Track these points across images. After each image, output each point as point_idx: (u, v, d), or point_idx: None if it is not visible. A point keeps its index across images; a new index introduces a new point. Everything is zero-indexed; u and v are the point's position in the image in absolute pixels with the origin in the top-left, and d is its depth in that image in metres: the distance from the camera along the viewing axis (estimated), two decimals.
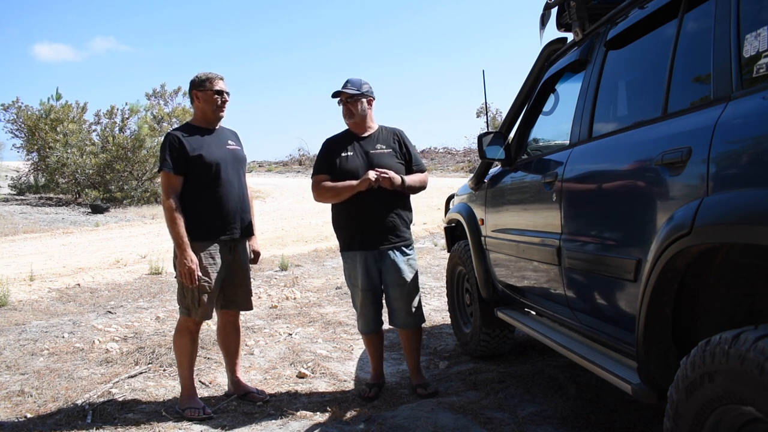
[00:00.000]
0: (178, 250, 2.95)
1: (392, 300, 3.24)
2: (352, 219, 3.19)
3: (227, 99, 3.17)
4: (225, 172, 3.10)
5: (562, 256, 2.45)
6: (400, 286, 3.19)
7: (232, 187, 3.12)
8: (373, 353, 3.38)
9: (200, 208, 3.04)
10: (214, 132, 3.19)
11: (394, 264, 3.18)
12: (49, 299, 6.15)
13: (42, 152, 19.39)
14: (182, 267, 2.94)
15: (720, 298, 1.78)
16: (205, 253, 3.04)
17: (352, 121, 3.24)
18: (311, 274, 7.18)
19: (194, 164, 3.03)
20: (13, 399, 3.35)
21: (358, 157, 3.19)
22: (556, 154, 2.63)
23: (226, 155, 3.14)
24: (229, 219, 3.11)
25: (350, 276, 3.28)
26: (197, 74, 3.15)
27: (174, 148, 3.02)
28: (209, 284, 3.05)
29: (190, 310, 3.05)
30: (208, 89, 3.11)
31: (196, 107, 3.18)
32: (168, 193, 3.00)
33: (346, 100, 3.20)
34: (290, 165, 35.48)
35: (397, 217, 3.20)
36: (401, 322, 3.26)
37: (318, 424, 2.89)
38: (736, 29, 1.63)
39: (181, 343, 3.12)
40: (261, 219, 14.31)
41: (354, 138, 3.27)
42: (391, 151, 3.23)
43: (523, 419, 2.81)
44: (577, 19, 2.66)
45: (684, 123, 1.77)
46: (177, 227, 2.95)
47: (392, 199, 3.17)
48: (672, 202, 1.75)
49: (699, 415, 1.49)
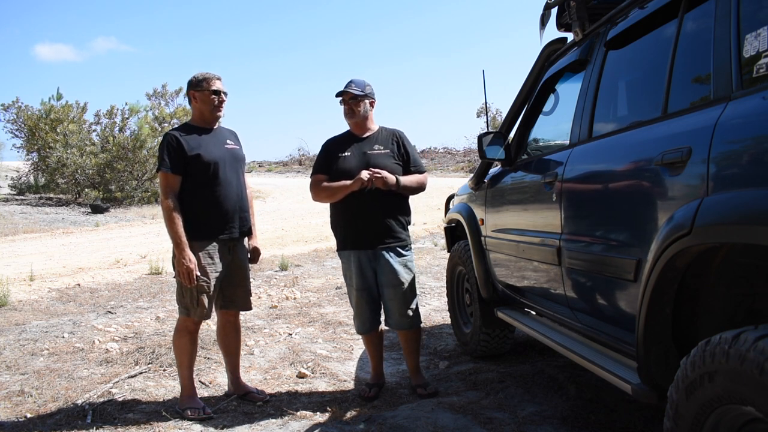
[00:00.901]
0: (177, 249, 2.95)
1: (387, 300, 3.25)
2: (348, 219, 3.20)
3: (225, 99, 3.16)
4: (223, 172, 3.09)
5: (562, 256, 2.45)
6: (394, 286, 3.19)
7: (230, 187, 3.12)
8: (373, 353, 3.38)
9: (199, 207, 3.04)
10: (213, 132, 3.19)
11: (389, 265, 3.18)
12: (49, 299, 6.15)
13: (42, 152, 19.39)
14: (180, 267, 2.94)
15: (720, 298, 1.78)
16: (204, 252, 3.04)
17: (353, 121, 3.25)
18: (311, 274, 7.18)
19: (192, 164, 3.02)
20: (13, 399, 3.35)
21: (355, 158, 3.20)
22: (556, 154, 2.63)
23: (224, 155, 3.14)
24: (227, 218, 3.11)
25: (346, 275, 3.30)
26: (194, 74, 3.15)
27: (172, 147, 3.02)
28: (208, 284, 3.05)
29: (189, 310, 3.06)
30: (206, 89, 3.11)
31: (194, 107, 3.18)
32: (166, 192, 3.00)
33: (349, 100, 3.21)
34: (290, 165, 35.49)
35: (392, 218, 3.20)
36: (395, 322, 3.27)
37: (318, 424, 2.89)
38: (736, 29, 1.63)
39: (180, 343, 3.12)
40: (261, 219, 14.32)
41: (353, 139, 3.28)
42: (388, 152, 3.24)
43: (523, 419, 2.81)
44: (577, 19, 2.66)
45: (684, 123, 1.77)
46: (175, 227, 2.95)
47: (388, 199, 3.17)
48: (672, 202, 1.75)
49: (699, 415, 1.49)
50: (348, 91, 3.20)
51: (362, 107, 3.22)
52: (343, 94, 3.22)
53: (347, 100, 3.22)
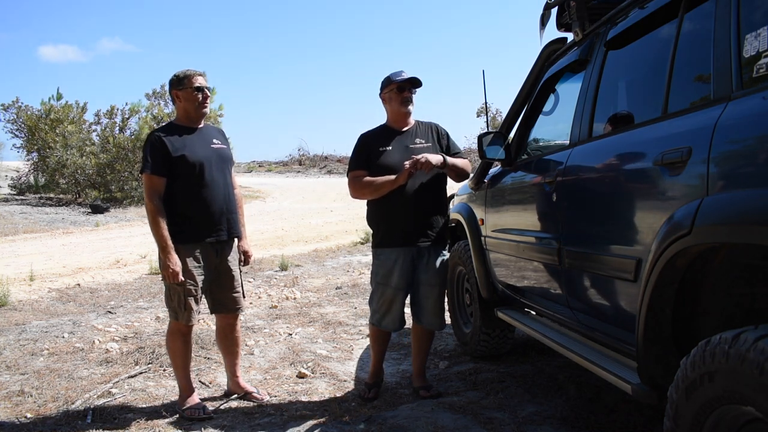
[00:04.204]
0: (162, 253, 2.90)
1: (422, 298, 3.17)
2: (392, 215, 3.10)
3: (209, 95, 3.08)
4: (209, 173, 3.02)
5: (562, 256, 2.45)
6: (432, 285, 3.14)
7: (217, 188, 3.05)
8: (379, 350, 3.31)
9: (185, 209, 2.98)
10: (198, 131, 3.10)
11: (431, 263, 3.12)
12: (49, 299, 6.14)
13: (42, 152, 19.38)
14: (166, 270, 2.90)
15: (720, 298, 1.78)
16: (191, 256, 2.99)
17: (407, 110, 3.15)
18: (311, 274, 7.18)
19: (177, 165, 2.95)
20: (13, 399, 3.35)
21: (398, 152, 3.10)
22: (556, 154, 2.63)
23: (210, 155, 3.05)
24: (214, 220, 3.04)
25: (383, 274, 3.13)
26: (176, 72, 3.05)
27: (156, 149, 2.95)
28: (195, 287, 3.00)
29: (177, 314, 3.02)
30: (188, 87, 3.01)
31: (178, 106, 3.08)
32: (151, 195, 2.93)
33: (411, 89, 3.13)
34: (290, 165, 35.42)
35: (436, 215, 3.14)
36: (427, 321, 3.20)
37: (318, 424, 2.89)
38: (736, 29, 1.63)
39: (174, 345, 3.10)
40: (261, 219, 14.32)
41: (392, 133, 3.19)
42: (430, 145, 3.16)
43: (523, 419, 2.81)
44: (577, 19, 2.66)
45: (684, 123, 1.77)
46: (160, 230, 2.89)
47: (431, 195, 3.11)
48: (672, 202, 1.75)
49: (699, 415, 1.49)
50: (417, 78, 3.11)
51: (414, 98, 3.17)
52: (411, 82, 3.12)
53: (409, 88, 3.13)
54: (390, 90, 3.15)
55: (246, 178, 29.55)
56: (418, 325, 3.27)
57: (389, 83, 3.15)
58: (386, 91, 3.17)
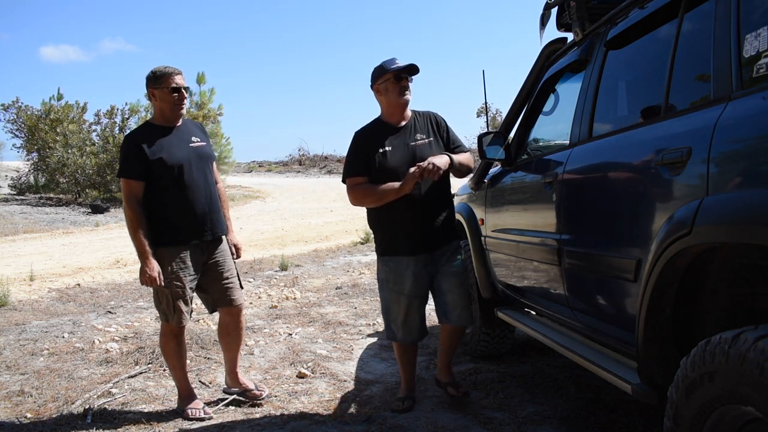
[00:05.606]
0: (141, 259, 2.88)
1: (446, 293, 2.95)
2: (398, 221, 2.86)
3: (186, 95, 2.99)
4: (189, 174, 2.95)
5: (562, 256, 2.45)
6: (456, 286, 2.97)
7: (198, 189, 2.98)
8: (408, 364, 3.08)
9: (167, 212, 2.94)
10: (176, 129, 3.01)
11: (449, 265, 2.95)
12: (49, 299, 6.15)
13: (42, 152, 19.37)
14: (143, 275, 2.88)
15: (720, 298, 1.78)
16: (177, 258, 2.96)
17: (404, 100, 2.87)
18: (311, 274, 7.18)
19: (156, 168, 2.88)
20: (13, 399, 3.35)
21: (399, 152, 2.85)
22: (556, 154, 2.63)
23: (189, 155, 2.98)
24: (198, 222, 2.99)
25: (393, 281, 2.92)
26: (153, 69, 2.94)
27: (132, 153, 2.88)
28: (183, 289, 2.98)
29: (167, 316, 3.00)
30: (164, 87, 2.92)
31: (154, 105, 3.01)
32: (129, 200, 2.88)
33: (408, 76, 2.86)
34: (290, 165, 35.42)
35: (446, 216, 2.96)
36: (457, 316, 2.97)
37: (318, 424, 2.89)
38: (736, 29, 1.63)
39: (168, 347, 3.08)
40: (261, 219, 14.33)
41: (389, 129, 2.92)
42: (432, 140, 2.92)
43: (523, 419, 2.81)
44: (577, 19, 2.66)
45: (684, 123, 1.77)
46: (138, 235, 2.86)
47: (438, 195, 2.91)
48: (672, 202, 1.75)
49: (699, 415, 1.49)
50: (414, 65, 2.82)
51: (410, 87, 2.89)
52: (408, 69, 2.82)
53: (406, 76, 2.84)
54: (385, 80, 2.85)
55: (246, 178, 29.56)
56: (448, 325, 3.05)
57: (384, 73, 2.85)
58: (380, 81, 2.87)
